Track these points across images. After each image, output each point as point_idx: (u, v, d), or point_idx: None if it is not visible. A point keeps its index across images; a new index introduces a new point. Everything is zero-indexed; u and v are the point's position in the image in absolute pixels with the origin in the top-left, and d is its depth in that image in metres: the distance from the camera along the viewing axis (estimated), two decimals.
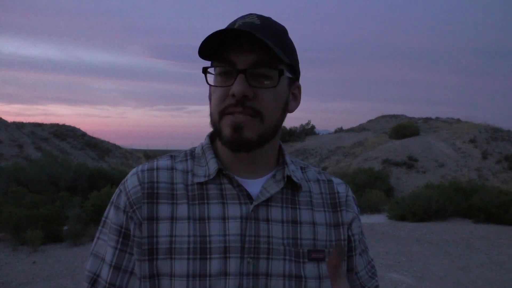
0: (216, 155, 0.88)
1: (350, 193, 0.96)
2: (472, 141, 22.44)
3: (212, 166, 0.85)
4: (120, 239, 0.83)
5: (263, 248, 0.81)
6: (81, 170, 12.77)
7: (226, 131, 0.81)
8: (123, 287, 0.82)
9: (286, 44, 0.85)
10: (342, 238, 0.90)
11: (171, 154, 0.92)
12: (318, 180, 0.94)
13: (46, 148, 22.51)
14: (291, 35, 0.89)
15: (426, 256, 6.90)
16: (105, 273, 0.83)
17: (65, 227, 8.13)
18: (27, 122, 27.99)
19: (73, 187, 11.78)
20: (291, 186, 0.88)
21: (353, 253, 0.93)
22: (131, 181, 0.85)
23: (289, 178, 0.87)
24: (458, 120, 29.60)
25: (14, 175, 11.36)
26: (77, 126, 30.10)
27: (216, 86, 0.83)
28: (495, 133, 22.96)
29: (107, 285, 0.83)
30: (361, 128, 35.72)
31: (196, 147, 0.93)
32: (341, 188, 0.95)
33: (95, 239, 0.87)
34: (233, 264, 0.79)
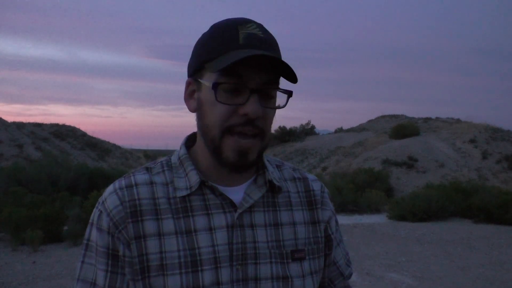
0: (195, 165, 0.86)
1: (325, 190, 0.98)
2: (472, 141, 22.45)
3: (193, 178, 0.84)
4: (110, 261, 0.80)
5: (250, 253, 0.82)
6: (81, 170, 12.77)
7: (229, 154, 0.79)
8: None
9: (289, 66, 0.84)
10: (319, 235, 0.92)
11: (147, 166, 0.89)
12: (294, 179, 0.95)
13: (46, 148, 22.51)
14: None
15: (426, 256, 6.90)
16: None
17: (65, 227, 8.12)
18: (27, 122, 27.99)
19: (73, 187, 11.78)
20: (271, 189, 0.89)
21: (333, 250, 0.97)
22: (111, 200, 0.82)
23: (270, 182, 0.88)
24: (458, 120, 29.60)
25: (14, 175, 11.35)
26: (78, 126, 30.08)
27: (226, 104, 0.78)
28: (495, 133, 22.97)
29: None
30: (361, 128, 35.70)
31: (171, 157, 0.90)
32: (316, 185, 0.96)
33: (80, 264, 0.84)
34: (224, 274, 0.80)
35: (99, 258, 0.81)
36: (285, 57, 0.84)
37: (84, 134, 29.16)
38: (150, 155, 36.88)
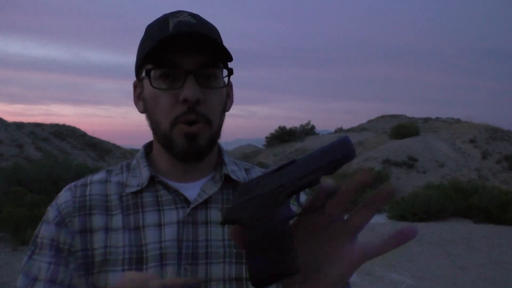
0: (151, 163, 0.85)
1: None
2: (472, 141, 22.45)
3: (145, 174, 0.82)
4: (53, 253, 0.78)
5: (202, 252, 0.78)
6: (81, 170, 12.76)
7: (180, 141, 0.77)
8: None
9: (222, 42, 0.82)
10: None
11: (108, 169, 0.89)
12: None
13: (46, 148, 22.52)
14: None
15: (426, 256, 6.90)
16: None
17: None
18: (27, 122, 28.02)
19: None
20: (232, 186, 0.85)
21: None
22: (63, 196, 0.83)
23: (228, 177, 0.85)
24: (458, 120, 29.62)
25: (14, 175, 11.36)
26: (80, 126, 30.25)
27: (164, 89, 0.77)
28: (495, 133, 22.97)
29: None
30: (361, 128, 35.73)
31: (133, 160, 0.90)
32: None
33: (26, 258, 0.81)
34: (169, 272, 0.76)
35: (44, 250, 0.79)
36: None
37: (84, 134, 29.18)
38: None
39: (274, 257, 0.50)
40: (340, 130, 37.78)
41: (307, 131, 37.32)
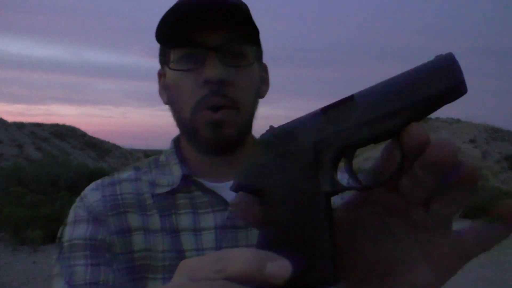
0: (182, 160, 0.75)
1: None
2: (472, 141, 22.48)
3: (176, 173, 0.72)
4: (89, 253, 0.67)
5: None
6: (81, 170, 12.78)
7: (204, 131, 0.68)
8: None
9: (252, 18, 0.71)
10: None
11: (135, 166, 0.78)
12: None
13: (46, 148, 22.53)
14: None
15: None
16: None
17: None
18: (27, 122, 28.06)
19: (73, 187, 11.78)
20: None
21: None
22: (91, 195, 0.72)
23: None
24: (458, 120, 29.64)
25: (14, 175, 11.36)
26: (80, 126, 30.36)
27: (183, 71, 0.67)
28: (495, 133, 23.01)
29: None
30: None
31: (161, 156, 0.80)
32: None
33: (58, 266, 0.69)
34: None
35: (75, 253, 0.68)
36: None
37: (84, 134, 29.21)
38: (151, 155, 36.88)
39: (299, 253, 0.31)
40: None
41: None
